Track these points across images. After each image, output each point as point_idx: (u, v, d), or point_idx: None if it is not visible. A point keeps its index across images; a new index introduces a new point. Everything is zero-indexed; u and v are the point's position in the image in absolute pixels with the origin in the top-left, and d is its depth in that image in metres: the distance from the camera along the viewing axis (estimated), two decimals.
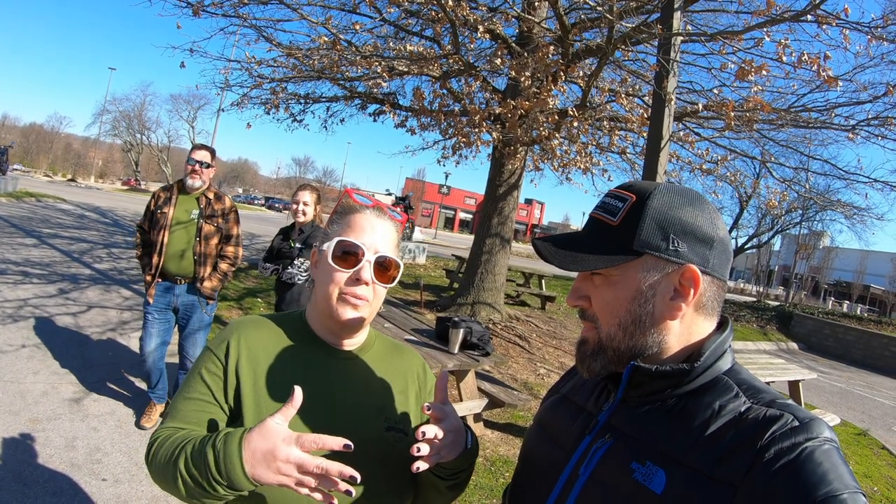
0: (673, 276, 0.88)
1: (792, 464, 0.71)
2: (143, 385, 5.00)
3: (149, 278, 4.19)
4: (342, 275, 1.21)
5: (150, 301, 4.20)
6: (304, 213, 4.33)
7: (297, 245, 4.26)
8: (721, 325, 0.94)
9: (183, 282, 4.24)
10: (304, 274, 4.04)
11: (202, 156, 4.22)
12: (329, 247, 1.22)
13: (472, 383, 5.04)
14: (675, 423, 0.85)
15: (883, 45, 6.17)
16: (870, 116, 7.47)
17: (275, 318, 1.32)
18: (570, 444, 0.97)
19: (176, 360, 4.66)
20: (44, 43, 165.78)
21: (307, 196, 4.37)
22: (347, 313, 1.22)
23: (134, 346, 5.96)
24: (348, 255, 1.22)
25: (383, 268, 1.26)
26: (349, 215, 1.29)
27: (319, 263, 1.28)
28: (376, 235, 1.26)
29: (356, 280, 1.22)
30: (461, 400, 4.97)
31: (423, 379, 1.45)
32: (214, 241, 4.32)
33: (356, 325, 1.26)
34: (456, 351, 4.70)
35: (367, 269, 1.22)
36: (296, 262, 4.11)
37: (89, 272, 9.02)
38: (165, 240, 4.13)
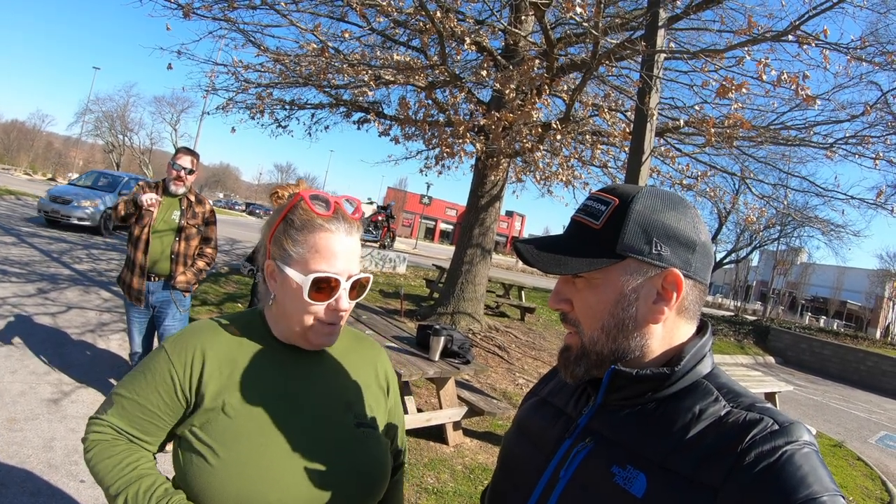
0: (656, 279, 0.88)
1: (772, 467, 0.72)
2: None
3: (136, 279, 4.21)
4: (319, 307, 1.16)
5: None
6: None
7: None
8: (701, 330, 0.95)
9: (157, 279, 4.27)
10: None
11: (187, 162, 4.27)
12: (305, 283, 1.13)
13: (452, 391, 5.03)
14: (655, 427, 0.85)
15: (861, 65, 6.30)
16: (848, 135, 7.61)
17: (231, 319, 1.27)
18: (550, 448, 0.96)
19: None
20: (27, 39, 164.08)
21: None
22: (323, 341, 1.20)
23: (113, 347, 5.89)
24: (323, 285, 1.15)
25: (355, 284, 1.21)
26: (314, 234, 1.16)
27: (284, 287, 1.19)
28: (348, 257, 1.18)
29: (334, 310, 1.18)
30: (441, 407, 4.96)
31: (386, 374, 1.43)
32: (194, 242, 4.39)
33: (331, 345, 1.25)
34: (436, 358, 4.70)
35: (344, 298, 1.18)
36: None
37: (69, 272, 8.88)
38: (150, 239, 4.17)
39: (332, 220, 1.18)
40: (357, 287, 1.22)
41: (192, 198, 4.39)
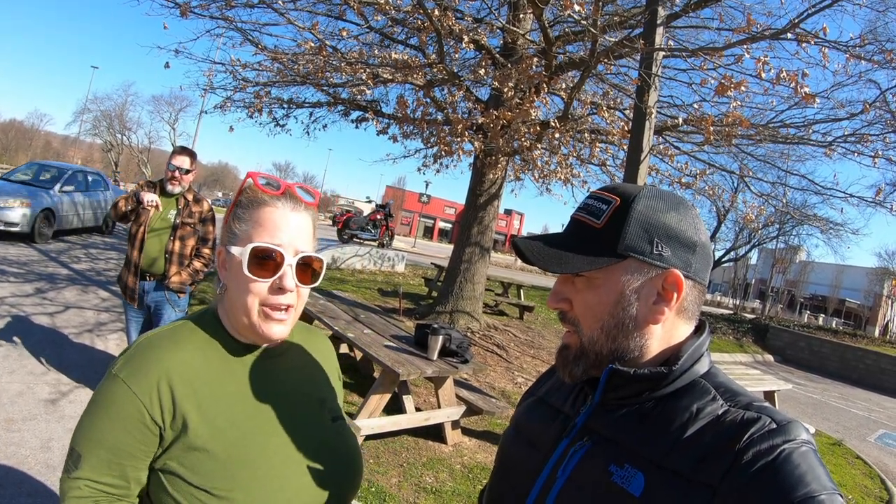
0: (656, 280, 0.88)
1: (770, 465, 0.72)
2: None
3: (131, 278, 4.19)
4: (261, 285, 1.07)
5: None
6: None
7: None
8: (698, 329, 0.95)
9: (152, 279, 4.24)
10: None
11: (182, 161, 4.21)
12: (243, 254, 1.06)
13: (451, 390, 5.03)
14: (653, 426, 0.85)
15: (860, 63, 6.30)
16: (846, 133, 7.62)
17: (188, 326, 1.15)
18: (548, 447, 0.96)
19: None
20: (25, 38, 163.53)
21: None
22: (273, 329, 1.10)
23: (111, 347, 5.88)
24: (265, 260, 1.07)
25: (305, 266, 1.12)
26: (257, 209, 1.10)
27: (231, 270, 1.11)
28: (293, 232, 1.10)
29: (278, 289, 1.08)
30: (439, 407, 4.96)
31: (336, 362, 1.39)
32: (190, 242, 4.35)
33: (282, 337, 1.13)
34: (435, 357, 4.69)
35: (289, 276, 1.08)
36: None
37: (66, 272, 8.88)
38: (146, 238, 4.14)
39: (279, 198, 1.12)
40: (309, 272, 1.13)
41: (190, 197, 4.34)
